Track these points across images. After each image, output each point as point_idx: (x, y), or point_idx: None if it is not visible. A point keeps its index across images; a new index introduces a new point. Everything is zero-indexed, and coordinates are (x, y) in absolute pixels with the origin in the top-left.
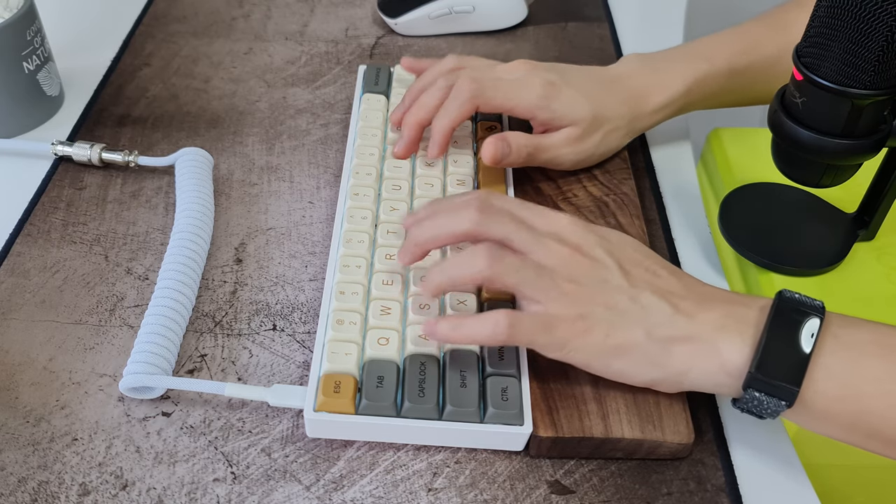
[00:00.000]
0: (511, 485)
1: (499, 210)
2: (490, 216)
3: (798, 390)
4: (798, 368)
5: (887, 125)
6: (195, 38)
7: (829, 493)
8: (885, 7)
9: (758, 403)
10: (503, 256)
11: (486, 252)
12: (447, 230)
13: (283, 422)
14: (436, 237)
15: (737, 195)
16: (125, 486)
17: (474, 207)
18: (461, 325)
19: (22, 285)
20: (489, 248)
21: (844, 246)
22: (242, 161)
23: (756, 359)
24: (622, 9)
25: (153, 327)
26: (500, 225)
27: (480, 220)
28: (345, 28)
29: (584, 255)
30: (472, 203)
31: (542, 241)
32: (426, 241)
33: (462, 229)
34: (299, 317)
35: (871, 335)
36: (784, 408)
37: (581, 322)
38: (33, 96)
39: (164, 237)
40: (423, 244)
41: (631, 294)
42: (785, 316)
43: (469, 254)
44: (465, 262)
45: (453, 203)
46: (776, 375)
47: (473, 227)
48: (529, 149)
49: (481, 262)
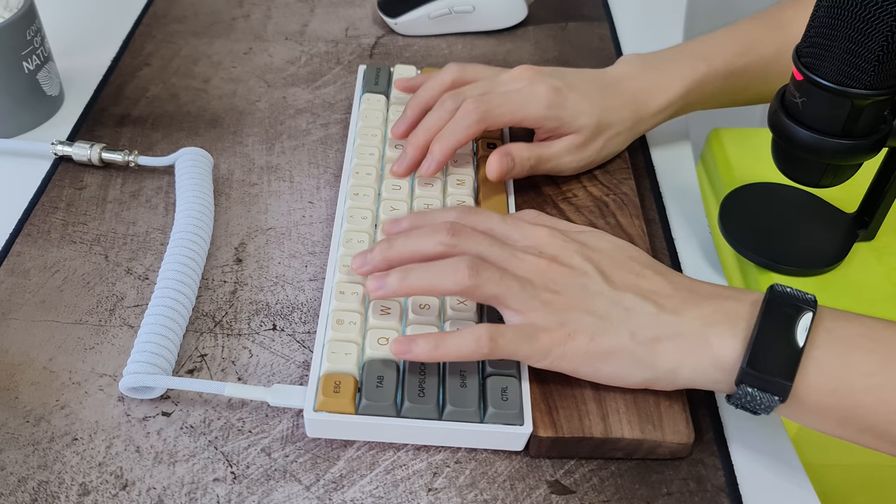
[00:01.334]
0: (511, 485)
1: (471, 230)
2: (462, 237)
3: (791, 385)
4: (790, 363)
5: (887, 125)
6: (195, 38)
7: (829, 493)
8: (885, 7)
9: (751, 399)
10: (484, 269)
11: (468, 263)
12: (418, 250)
13: (283, 422)
14: (406, 256)
15: (737, 195)
16: (125, 486)
17: (445, 230)
18: (441, 343)
19: (22, 285)
20: (471, 260)
21: (844, 246)
22: (242, 161)
23: (748, 354)
24: (622, 9)
25: (153, 327)
26: (474, 244)
27: (453, 243)
28: (345, 28)
29: (561, 264)
30: (444, 226)
31: (517, 255)
32: (395, 258)
33: (435, 251)
34: (299, 317)
35: (863, 329)
36: (777, 403)
37: (563, 329)
38: (33, 96)
39: (164, 237)
40: (391, 260)
41: (612, 297)
42: (777, 310)
43: (451, 264)
44: (446, 272)
45: (429, 222)
46: (768, 370)
47: (446, 250)
48: (532, 161)
49: (463, 274)
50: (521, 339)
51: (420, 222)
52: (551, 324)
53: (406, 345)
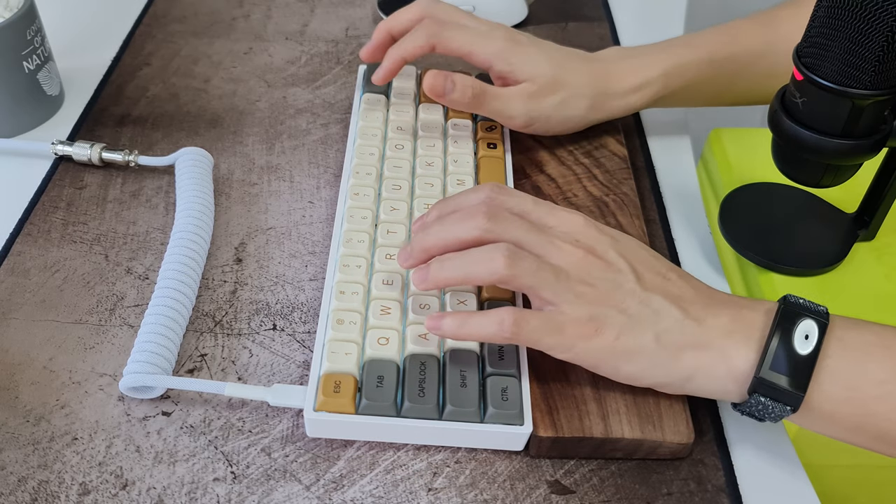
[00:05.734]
0: (511, 485)
1: (508, 212)
2: (499, 221)
3: (803, 396)
4: (803, 374)
5: (887, 125)
6: (195, 38)
7: (829, 493)
8: (885, 7)
9: (762, 408)
10: (521, 258)
11: (504, 252)
12: (455, 236)
13: (283, 421)
14: (444, 244)
15: (737, 195)
16: (125, 486)
17: (482, 213)
18: (466, 322)
19: (22, 285)
20: (507, 248)
21: (844, 246)
22: (242, 161)
23: (761, 364)
24: (622, 9)
25: (153, 327)
26: (511, 229)
27: (489, 227)
28: (345, 28)
29: (597, 256)
30: (481, 209)
31: (555, 242)
32: (432, 246)
33: (471, 236)
34: (299, 316)
35: (874, 337)
36: (789, 413)
37: (591, 324)
38: (33, 96)
39: (164, 237)
40: (430, 249)
41: (642, 298)
42: (789, 321)
43: (487, 252)
44: (482, 261)
45: (462, 206)
46: (782, 381)
47: (483, 235)
48: (476, 90)
49: (499, 263)
50: (546, 328)
51: (453, 206)
52: (581, 316)
53: (437, 320)
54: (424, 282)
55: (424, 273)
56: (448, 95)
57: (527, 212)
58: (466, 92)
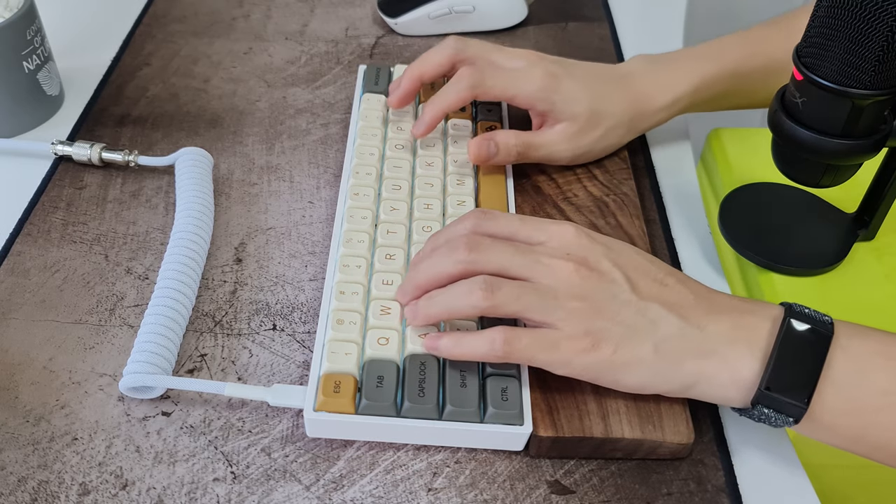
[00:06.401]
0: (511, 485)
1: (490, 241)
2: (481, 252)
3: (806, 408)
4: (807, 385)
5: (887, 125)
6: (195, 38)
7: (829, 493)
8: (885, 7)
9: (765, 418)
10: (499, 287)
11: (480, 286)
12: (440, 272)
13: (283, 422)
14: (433, 279)
15: (737, 195)
16: (125, 486)
17: (463, 246)
18: (460, 342)
19: (22, 285)
20: (484, 280)
21: (844, 246)
22: (242, 161)
23: (765, 376)
24: (622, 9)
25: (153, 327)
26: (494, 257)
27: (472, 259)
28: (345, 28)
29: (590, 268)
30: (462, 241)
31: (541, 261)
32: (423, 283)
33: (457, 270)
34: (299, 316)
35: (878, 345)
36: (791, 423)
37: (587, 338)
38: (33, 96)
39: (164, 237)
40: (422, 286)
41: (639, 307)
42: (794, 332)
43: (465, 287)
44: (461, 295)
45: (449, 238)
46: (785, 394)
47: (466, 268)
48: (520, 147)
49: (476, 296)
50: (539, 345)
51: (439, 241)
52: (576, 332)
53: (434, 340)
54: (416, 318)
55: (415, 310)
56: (493, 159)
57: (514, 232)
58: (511, 152)
